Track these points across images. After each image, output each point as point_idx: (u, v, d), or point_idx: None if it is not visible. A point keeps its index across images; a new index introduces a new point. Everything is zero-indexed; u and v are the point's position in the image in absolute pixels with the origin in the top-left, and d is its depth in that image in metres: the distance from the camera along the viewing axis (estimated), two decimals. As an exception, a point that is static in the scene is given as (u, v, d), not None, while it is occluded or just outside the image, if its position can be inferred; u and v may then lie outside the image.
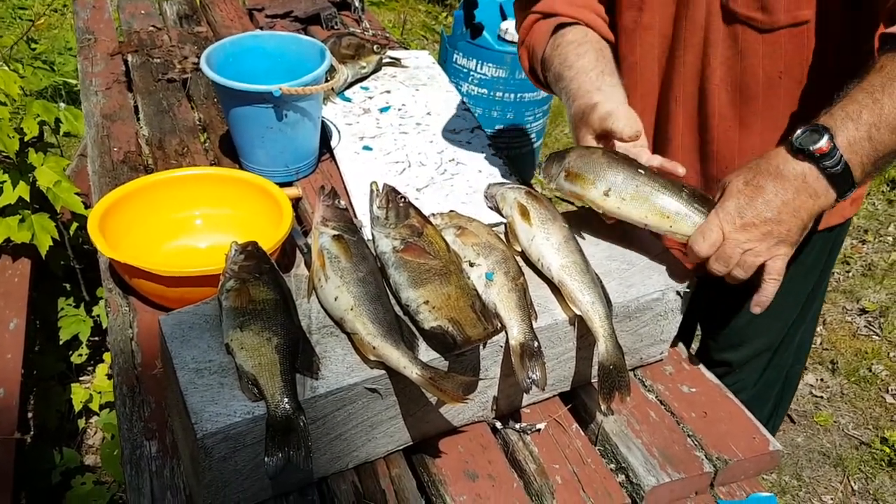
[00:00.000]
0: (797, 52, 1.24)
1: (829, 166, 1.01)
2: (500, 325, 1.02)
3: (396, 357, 0.94)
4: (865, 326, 2.88)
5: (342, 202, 1.19)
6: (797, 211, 1.03)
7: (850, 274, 3.13)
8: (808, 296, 1.59)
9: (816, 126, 1.03)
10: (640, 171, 1.15)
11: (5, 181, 1.92)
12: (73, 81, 3.66)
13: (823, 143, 1.00)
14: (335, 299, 1.02)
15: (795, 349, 1.70)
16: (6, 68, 2.12)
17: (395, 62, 2.05)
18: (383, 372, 0.97)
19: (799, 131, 1.03)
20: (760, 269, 1.07)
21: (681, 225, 1.12)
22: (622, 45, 1.40)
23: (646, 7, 1.33)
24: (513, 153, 2.63)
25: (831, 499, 2.27)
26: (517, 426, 1.11)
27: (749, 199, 1.04)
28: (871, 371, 2.69)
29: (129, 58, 2.12)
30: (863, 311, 2.94)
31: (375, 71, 2.00)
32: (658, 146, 1.44)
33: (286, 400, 0.90)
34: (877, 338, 2.83)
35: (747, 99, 1.30)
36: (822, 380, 2.68)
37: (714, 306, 1.58)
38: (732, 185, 1.07)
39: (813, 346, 2.78)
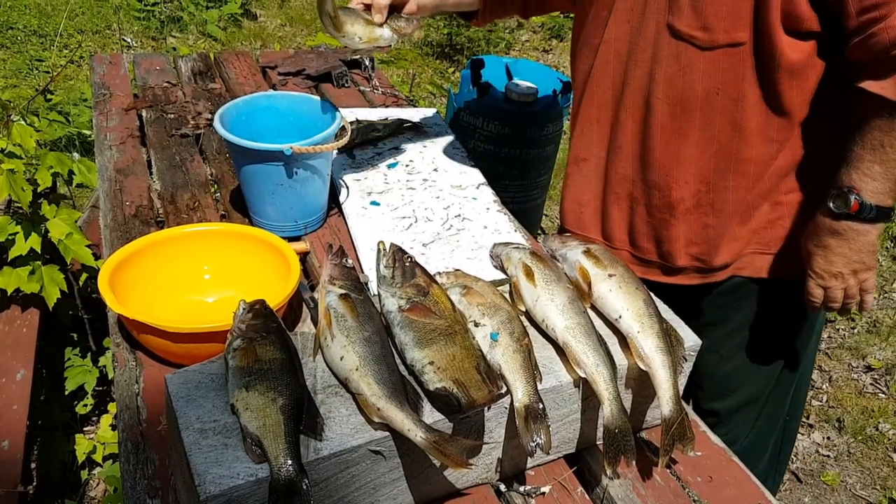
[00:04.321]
0: (733, 70, 1.34)
1: (866, 216, 1.29)
2: (504, 388, 1.02)
3: (401, 419, 0.94)
4: (871, 384, 2.86)
5: (350, 261, 1.21)
6: (861, 247, 1.33)
7: (856, 331, 3.12)
8: (793, 344, 1.60)
9: (841, 190, 1.29)
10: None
11: (18, 233, 1.94)
12: (88, 132, 3.71)
13: (853, 203, 1.28)
14: (341, 358, 1.03)
15: (790, 403, 1.69)
16: (23, 122, 2.16)
17: (417, 127, 2.05)
18: (387, 434, 0.97)
19: (831, 201, 1.31)
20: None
21: (646, 337, 1.12)
22: (585, 57, 1.53)
23: (609, 25, 1.46)
24: (517, 208, 2.66)
25: (841, 562, 2.23)
26: (522, 489, 1.10)
27: (824, 258, 1.36)
28: (877, 430, 2.66)
29: (144, 113, 2.16)
30: (869, 369, 2.93)
31: (391, 135, 2.01)
32: (611, 152, 1.55)
33: (289, 462, 0.90)
34: (883, 396, 2.81)
35: (686, 112, 1.40)
36: (828, 438, 2.65)
37: (699, 356, 1.59)
38: (807, 248, 1.38)
39: (819, 403, 2.76)
